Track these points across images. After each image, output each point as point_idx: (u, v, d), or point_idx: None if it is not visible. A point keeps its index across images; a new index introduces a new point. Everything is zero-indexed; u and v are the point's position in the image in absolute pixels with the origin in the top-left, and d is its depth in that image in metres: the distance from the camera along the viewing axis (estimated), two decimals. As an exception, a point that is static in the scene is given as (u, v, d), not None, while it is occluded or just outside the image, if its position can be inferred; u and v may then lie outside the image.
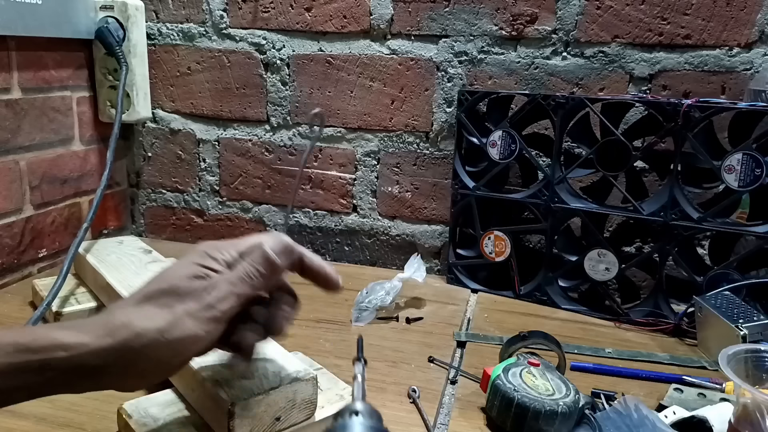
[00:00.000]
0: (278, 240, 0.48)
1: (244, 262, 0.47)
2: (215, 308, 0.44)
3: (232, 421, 0.50)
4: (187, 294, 0.44)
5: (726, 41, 0.90)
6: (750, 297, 0.79)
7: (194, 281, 0.45)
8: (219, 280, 0.46)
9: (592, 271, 0.89)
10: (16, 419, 0.59)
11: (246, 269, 0.47)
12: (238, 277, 0.46)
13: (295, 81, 1.10)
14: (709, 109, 0.79)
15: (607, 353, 0.78)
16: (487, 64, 1.00)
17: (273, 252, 0.47)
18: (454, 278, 1.02)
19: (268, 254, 0.47)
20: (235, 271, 0.47)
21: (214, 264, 0.46)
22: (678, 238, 0.83)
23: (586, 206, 0.89)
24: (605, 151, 0.86)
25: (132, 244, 0.94)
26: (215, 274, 0.46)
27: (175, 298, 0.44)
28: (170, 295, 0.44)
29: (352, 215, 1.13)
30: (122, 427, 0.56)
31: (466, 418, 0.63)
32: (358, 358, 0.51)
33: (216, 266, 0.46)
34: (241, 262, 0.47)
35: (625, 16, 0.93)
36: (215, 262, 0.47)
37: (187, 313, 0.43)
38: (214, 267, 0.46)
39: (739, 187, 0.78)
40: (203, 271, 0.46)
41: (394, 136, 1.07)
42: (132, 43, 1.07)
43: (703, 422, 0.58)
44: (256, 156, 1.15)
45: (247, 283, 0.46)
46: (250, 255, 0.47)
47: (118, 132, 0.98)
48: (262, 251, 0.47)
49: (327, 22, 1.06)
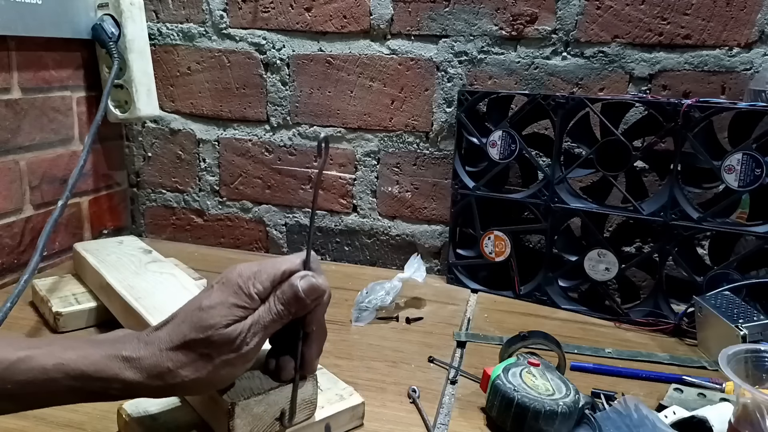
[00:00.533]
0: (311, 283, 0.50)
1: (275, 298, 0.50)
2: (249, 353, 0.48)
3: (232, 420, 0.50)
4: (223, 345, 0.47)
5: (726, 41, 0.90)
6: (750, 297, 0.79)
7: (231, 329, 0.47)
8: (253, 324, 0.48)
9: (592, 271, 0.89)
10: (16, 419, 0.59)
11: (277, 309, 0.49)
12: (270, 319, 0.49)
13: (295, 81, 1.10)
14: (709, 109, 0.80)
15: (607, 353, 0.78)
16: (487, 64, 1.00)
17: (304, 293, 0.50)
18: (454, 278, 1.02)
19: (300, 297, 0.50)
20: (266, 309, 0.49)
21: (248, 301, 0.49)
22: (678, 238, 0.83)
23: (586, 206, 0.89)
24: (605, 151, 0.86)
25: (132, 244, 0.94)
26: (250, 315, 0.48)
27: (213, 349, 0.47)
28: (209, 346, 0.47)
29: (352, 215, 1.13)
30: (122, 427, 0.56)
31: (466, 418, 0.63)
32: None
33: (250, 304, 0.49)
34: (273, 298, 0.50)
35: (625, 16, 0.93)
36: (248, 299, 0.49)
37: (224, 363, 0.47)
38: (248, 305, 0.49)
39: (739, 187, 0.78)
40: (238, 314, 0.48)
41: (394, 136, 1.07)
42: (128, 39, 1.05)
43: (703, 422, 0.58)
44: (256, 156, 1.15)
45: (278, 322, 0.50)
46: (283, 291, 0.50)
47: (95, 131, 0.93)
48: (294, 292, 0.50)
49: (327, 22, 1.06)
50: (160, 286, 0.78)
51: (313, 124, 1.11)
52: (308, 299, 0.50)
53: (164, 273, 0.83)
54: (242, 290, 0.49)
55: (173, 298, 0.74)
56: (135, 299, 0.73)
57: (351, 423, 0.60)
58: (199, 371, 0.47)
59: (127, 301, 0.73)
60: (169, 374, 0.46)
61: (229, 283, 0.49)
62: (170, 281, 0.80)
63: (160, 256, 0.90)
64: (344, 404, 0.59)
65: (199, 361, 0.47)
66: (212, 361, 0.47)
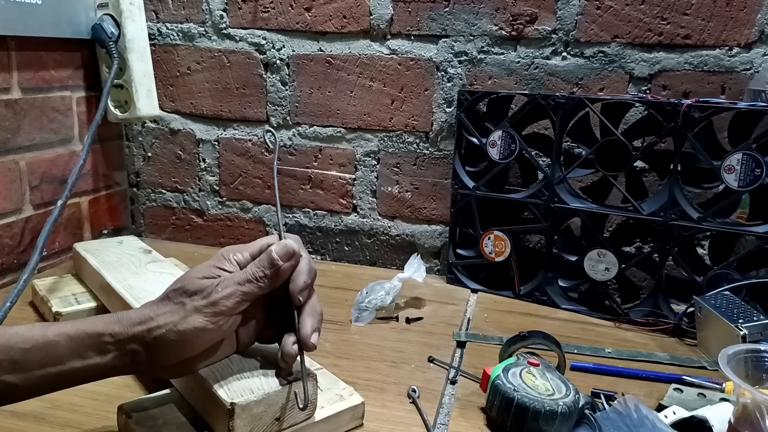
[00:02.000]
0: (284, 245, 0.54)
1: (254, 264, 0.53)
2: (220, 304, 0.51)
3: (232, 421, 0.50)
4: (196, 292, 0.51)
5: (726, 41, 0.90)
6: (750, 297, 0.79)
7: (204, 280, 0.52)
8: (226, 278, 0.52)
9: (591, 271, 0.89)
10: (15, 419, 0.59)
11: (253, 270, 0.53)
12: (244, 277, 0.52)
13: (295, 81, 1.10)
14: (708, 109, 0.80)
15: (607, 353, 0.78)
16: (487, 64, 1.00)
17: (278, 256, 0.53)
18: (454, 278, 1.02)
19: (273, 257, 0.53)
20: (243, 271, 0.53)
21: (227, 265, 0.53)
22: (678, 238, 0.83)
23: (586, 206, 0.89)
24: (605, 151, 0.87)
25: (132, 244, 0.94)
26: (225, 274, 0.53)
27: (186, 296, 0.51)
28: (183, 293, 0.51)
29: (352, 215, 1.13)
30: (122, 426, 0.56)
31: (466, 418, 0.63)
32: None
33: (228, 267, 0.53)
34: (252, 264, 0.53)
35: (624, 16, 0.93)
36: (228, 263, 0.53)
37: (195, 309, 0.51)
38: (226, 267, 0.53)
39: (738, 187, 0.78)
40: (215, 272, 0.53)
41: (394, 136, 1.07)
42: (128, 39, 1.05)
43: (703, 422, 0.58)
44: (255, 156, 1.15)
45: (253, 283, 0.52)
46: (260, 258, 0.54)
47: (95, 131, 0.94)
48: (269, 254, 0.53)
49: (327, 22, 1.06)
50: (160, 286, 0.77)
51: (313, 124, 1.11)
52: (281, 260, 0.53)
53: (164, 273, 0.83)
54: (223, 257, 0.54)
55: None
56: (135, 299, 0.73)
57: (351, 423, 0.60)
58: (172, 317, 0.50)
59: (127, 301, 0.73)
60: (148, 320, 0.50)
61: (216, 255, 0.55)
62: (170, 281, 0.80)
63: (159, 256, 0.90)
64: (344, 404, 0.59)
65: (174, 308, 0.51)
66: (184, 307, 0.50)
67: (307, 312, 0.54)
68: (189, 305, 0.51)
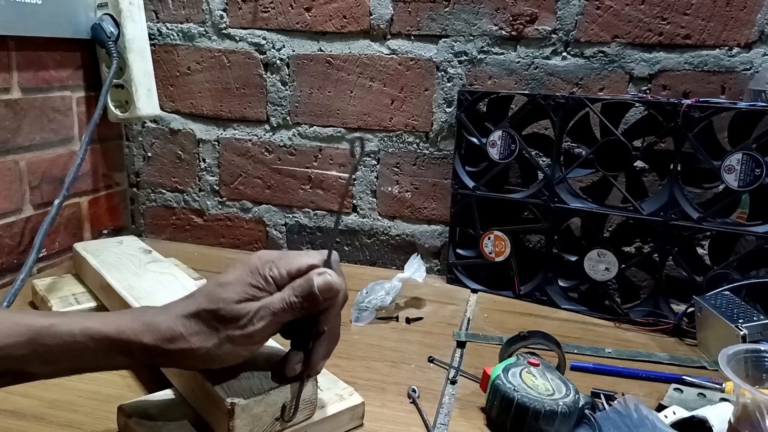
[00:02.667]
0: (328, 282, 0.51)
1: (290, 288, 0.51)
2: (255, 336, 0.50)
3: (232, 420, 0.50)
4: (231, 320, 0.49)
5: (726, 41, 0.90)
6: (750, 297, 0.79)
7: (241, 306, 0.49)
8: (263, 307, 0.50)
9: (591, 271, 0.89)
10: (15, 419, 0.59)
11: (290, 299, 0.50)
12: (280, 306, 0.50)
13: (295, 81, 1.10)
14: (708, 109, 0.80)
15: (607, 353, 0.78)
16: (487, 64, 1.00)
17: (319, 290, 0.50)
18: (454, 278, 1.02)
19: (315, 293, 0.50)
20: (279, 297, 0.50)
21: (264, 284, 0.50)
22: (678, 238, 0.83)
23: (586, 206, 0.89)
24: (605, 151, 0.86)
25: (132, 244, 0.94)
26: (262, 298, 0.50)
27: (221, 322, 0.49)
28: (218, 319, 0.49)
29: (352, 215, 1.13)
30: (122, 426, 0.56)
31: (466, 418, 0.63)
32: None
33: (265, 286, 0.50)
34: (288, 288, 0.51)
35: (624, 16, 0.93)
36: (265, 283, 0.50)
37: (229, 338, 0.49)
38: (263, 286, 0.50)
39: (738, 187, 0.78)
40: (251, 292, 0.50)
41: (394, 136, 1.07)
42: (127, 39, 1.04)
43: (703, 422, 0.58)
44: (256, 156, 1.15)
45: (288, 312, 0.50)
46: (299, 284, 0.51)
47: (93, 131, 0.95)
48: (309, 286, 0.50)
49: (327, 22, 1.06)
50: (160, 286, 0.78)
51: (313, 124, 1.11)
52: (322, 296, 0.51)
53: (164, 273, 0.83)
54: (258, 271, 0.50)
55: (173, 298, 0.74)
56: (135, 299, 0.73)
57: (351, 423, 0.60)
58: (205, 342, 0.49)
59: (127, 301, 0.73)
60: (180, 339, 0.49)
61: (249, 263, 0.51)
62: (170, 281, 0.80)
63: (159, 256, 0.90)
64: (344, 404, 0.59)
65: (207, 331, 0.49)
66: (218, 334, 0.49)
67: (326, 337, 0.54)
68: (223, 333, 0.49)
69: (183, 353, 0.49)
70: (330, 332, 0.54)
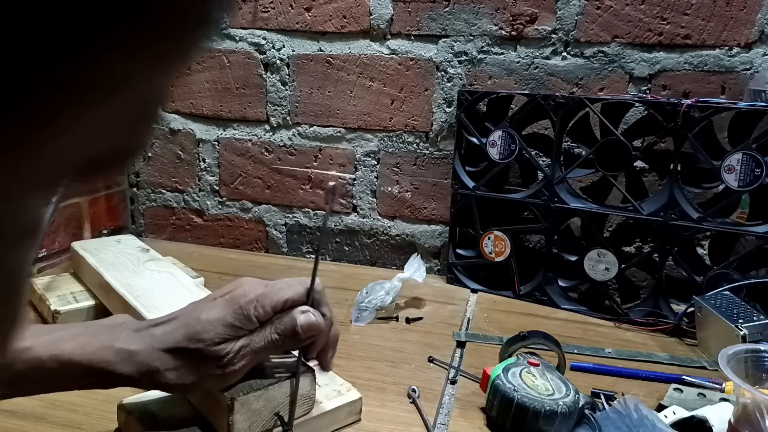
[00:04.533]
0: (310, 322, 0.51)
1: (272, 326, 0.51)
2: (234, 373, 0.49)
3: (232, 416, 0.50)
4: (212, 359, 0.48)
5: (726, 41, 0.90)
6: (750, 297, 0.79)
7: (220, 347, 0.49)
8: (243, 347, 0.49)
9: (591, 271, 0.89)
10: (15, 419, 0.59)
11: (272, 337, 0.50)
12: (261, 345, 0.50)
13: (295, 81, 1.10)
14: (708, 109, 0.79)
15: (607, 353, 0.78)
16: (486, 64, 1.00)
17: (302, 330, 0.51)
18: (454, 278, 1.02)
19: (297, 332, 0.51)
20: (261, 335, 0.50)
21: (246, 323, 0.50)
22: (678, 238, 0.83)
23: (586, 206, 0.89)
24: (605, 151, 0.86)
25: (130, 243, 0.94)
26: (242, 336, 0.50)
27: (201, 360, 0.48)
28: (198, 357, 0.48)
29: (352, 215, 1.13)
30: (122, 423, 0.57)
31: (466, 418, 0.63)
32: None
33: (248, 326, 0.50)
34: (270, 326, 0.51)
35: (624, 16, 0.93)
36: (248, 321, 0.50)
37: (209, 375, 0.49)
38: (245, 327, 0.50)
39: (738, 187, 0.78)
40: (232, 334, 0.49)
41: (393, 136, 1.07)
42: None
43: (703, 422, 0.58)
44: (255, 156, 1.15)
45: (270, 349, 0.51)
46: (282, 321, 0.51)
47: None
48: (293, 326, 0.51)
49: (327, 22, 1.06)
50: (159, 284, 0.78)
51: (313, 124, 1.10)
52: (304, 335, 0.51)
53: (162, 271, 0.83)
54: (243, 311, 0.50)
55: (171, 296, 0.74)
56: (134, 297, 0.73)
57: (349, 418, 0.60)
58: (184, 378, 0.48)
59: (125, 299, 0.73)
60: (157, 373, 0.48)
61: (232, 302, 0.50)
62: (168, 279, 0.80)
63: (158, 254, 0.90)
64: (342, 400, 0.60)
65: (186, 368, 0.48)
66: (197, 372, 0.49)
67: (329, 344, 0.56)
68: (202, 370, 0.49)
69: (158, 385, 0.49)
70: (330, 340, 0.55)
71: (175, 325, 0.50)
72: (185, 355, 0.48)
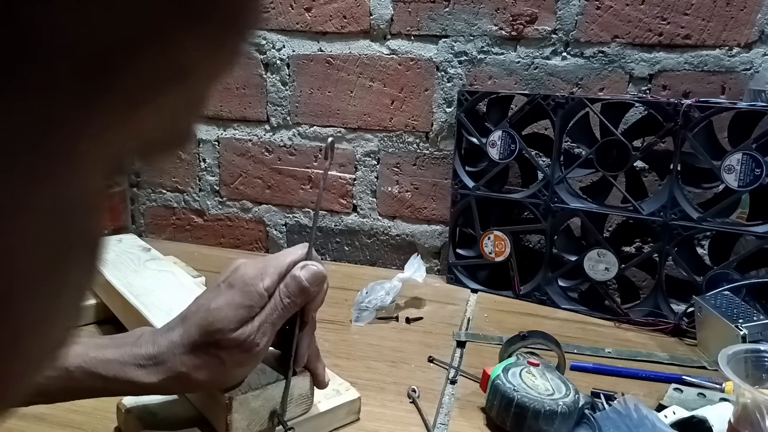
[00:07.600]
0: (312, 271, 0.51)
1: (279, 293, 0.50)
2: (260, 352, 0.49)
3: (230, 415, 0.50)
4: (234, 346, 0.48)
5: (726, 41, 0.90)
6: (750, 297, 0.79)
7: (240, 332, 0.48)
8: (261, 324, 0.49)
9: (591, 271, 0.89)
10: (16, 419, 0.59)
11: (284, 303, 0.50)
12: (278, 314, 0.50)
13: (295, 81, 1.10)
14: (708, 109, 0.80)
15: (607, 353, 0.78)
16: (486, 64, 1.00)
17: (308, 282, 0.51)
18: (453, 278, 1.02)
19: (305, 287, 0.51)
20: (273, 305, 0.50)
21: (258, 299, 0.49)
22: (678, 238, 0.83)
23: (586, 206, 0.89)
24: (605, 151, 0.86)
25: (131, 242, 0.94)
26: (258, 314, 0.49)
27: (223, 350, 0.48)
28: (218, 347, 0.48)
29: (352, 215, 1.13)
30: (121, 422, 0.57)
31: (465, 418, 0.63)
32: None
33: (259, 302, 0.49)
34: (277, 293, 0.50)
35: (624, 16, 0.93)
36: (258, 297, 0.49)
37: (236, 363, 0.49)
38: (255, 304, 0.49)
39: (738, 187, 0.78)
40: (246, 315, 0.49)
41: (394, 136, 1.07)
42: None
43: (703, 422, 0.58)
44: (256, 156, 1.15)
45: (286, 315, 0.51)
46: (287, 284, 0.51)
47: None
48: (298, 282, 0.51)
49: (327, 22, 1.06)
50: (159, 284, 0.78)
51: (313, 124, 1.11)
52: (312, 287, 0.51)
53: (163, 271, 0.83)
54: (250, 288, 0.49)
55: (172, 296, 0.74)
56: (134, 296, 0.73)
57: (347, 418, 0.60)
58: (213, 373, 0.49)
59: (126, 298, 0.73)
60: (186, 377, 0.48)
61: (236, 283, 0.50)
62: (169, 279, 0.80)
63: (159, 254, 0.90)
64: (341, 399, 0.60)
65: (212, 363, 0.48)
66: (224, 363, 0.48)
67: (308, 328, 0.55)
68: (229, 361, 0.48)
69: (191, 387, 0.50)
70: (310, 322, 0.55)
71: (188, 324, 0.49)
72: (207, 350, 0.48)
